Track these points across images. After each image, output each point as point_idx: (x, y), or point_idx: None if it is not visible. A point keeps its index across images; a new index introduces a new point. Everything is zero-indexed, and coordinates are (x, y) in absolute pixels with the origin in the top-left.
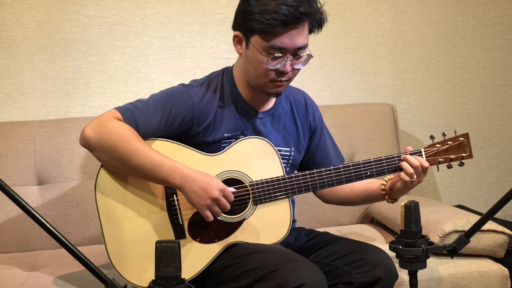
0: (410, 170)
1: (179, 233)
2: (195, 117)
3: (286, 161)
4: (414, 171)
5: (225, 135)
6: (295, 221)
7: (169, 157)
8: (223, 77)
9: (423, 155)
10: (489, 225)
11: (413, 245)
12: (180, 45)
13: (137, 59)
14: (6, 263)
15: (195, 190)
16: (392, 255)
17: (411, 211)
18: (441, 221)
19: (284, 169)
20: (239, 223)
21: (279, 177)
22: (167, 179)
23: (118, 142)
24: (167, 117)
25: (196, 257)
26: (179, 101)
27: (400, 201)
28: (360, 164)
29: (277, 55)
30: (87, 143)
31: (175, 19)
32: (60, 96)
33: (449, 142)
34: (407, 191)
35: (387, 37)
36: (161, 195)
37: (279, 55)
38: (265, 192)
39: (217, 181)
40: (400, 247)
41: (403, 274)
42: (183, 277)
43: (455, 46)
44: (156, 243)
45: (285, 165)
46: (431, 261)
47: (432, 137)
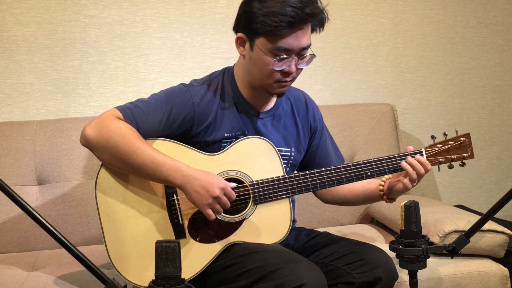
0: (414, 176)
1: (179, 232)
2: (195, 116)
3: (286, 161)
4: (417, 178)
5: (226, 135)
6: (295, 221)
7: (170, 156)
8: (224, 77)
9: (424, 155)
10: (489, 225)
11: (413, 245)
12: (180, 45)
13: (137, 59)
14: (6, 263)
15: (196, 189)
16: (392, 255)
17: (411, 211)
18: (441, 221)
19: (284, 169)
20: (239, 223)
21: (279, 177)
22: (168, 178)
23: (119, 141)
24: (168, 117)
25: (196, 257)
26: (180, 101)
27: (400, 201)
28: (360, 164)
29: (283, 57)
30: (87, 143)
31: (175, 19)
32: (60, 96)
33: (450, 142)
34: (406, 191)
35: (387, 37)
36: (161, 195)
37: (285, 56)
38: (265, 192)
39: (218, 179)
40: (400, 247)
41: (403, 274)
42: (183, 277)
43: (455, 46)
44: (156, 243)
45: (285, 165)
46: (431, 261)
47: (433, 137)
